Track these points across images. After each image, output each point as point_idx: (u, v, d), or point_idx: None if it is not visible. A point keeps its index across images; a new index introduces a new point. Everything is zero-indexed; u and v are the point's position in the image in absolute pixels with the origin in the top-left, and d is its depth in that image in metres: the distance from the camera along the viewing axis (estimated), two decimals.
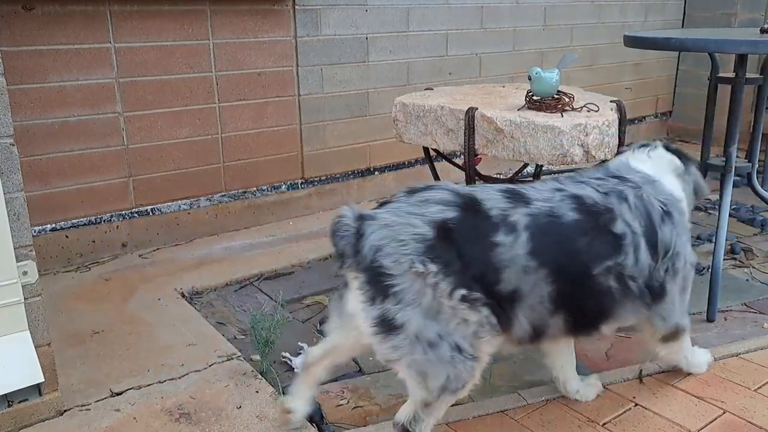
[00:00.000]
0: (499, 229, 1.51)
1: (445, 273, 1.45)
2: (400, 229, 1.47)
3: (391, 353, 1.48)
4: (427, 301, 1.45)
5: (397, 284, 1.44)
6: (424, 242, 1.46)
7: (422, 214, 1.50)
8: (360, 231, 1.48)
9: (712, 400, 1.89)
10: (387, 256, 1.45)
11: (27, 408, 1.77)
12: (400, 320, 1.44)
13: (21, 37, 2.55)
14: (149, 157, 2.97)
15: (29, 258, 1.69)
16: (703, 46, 2.30)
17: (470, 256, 1.48)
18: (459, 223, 1.49)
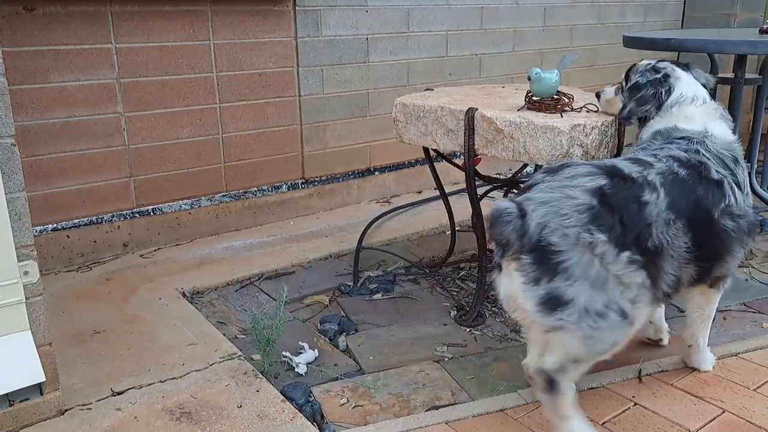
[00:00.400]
0: (645, 189, 1.58)
1: (610, 239, 1.49)
2: (561, 204, 1.50)
3: (556, 324, 1.52)
4: (594, 271, 1.49)
5: (566, 259, 1.47)
6: (587, 212, 1.50)
7: (577, 186, 1.54)
8: (522, 211, 1.50)
9: (712, 399, 1.89)
10: (553, 232, 1.48)
11: (28, 407, 1.77)
12: (569, 296, 1.48)
13: (22, 38, 2.56)
14: (150, 157, 2.97)
15: (30, 258, 1.69)
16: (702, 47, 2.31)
17: (628, 217, 1.53)
18: (613, 188, 1.55)
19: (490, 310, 2.50)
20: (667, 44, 2.37)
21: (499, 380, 2.05)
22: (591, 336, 1.52)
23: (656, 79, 1.94)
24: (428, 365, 2.14)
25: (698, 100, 1.91)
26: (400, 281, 2.76)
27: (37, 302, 1.73)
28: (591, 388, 1.95)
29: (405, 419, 1.82)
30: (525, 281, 1.51)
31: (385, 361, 2.17)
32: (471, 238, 2.64)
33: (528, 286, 1.51)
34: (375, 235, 3.21)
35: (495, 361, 2.16)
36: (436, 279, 2.77)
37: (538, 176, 1.65)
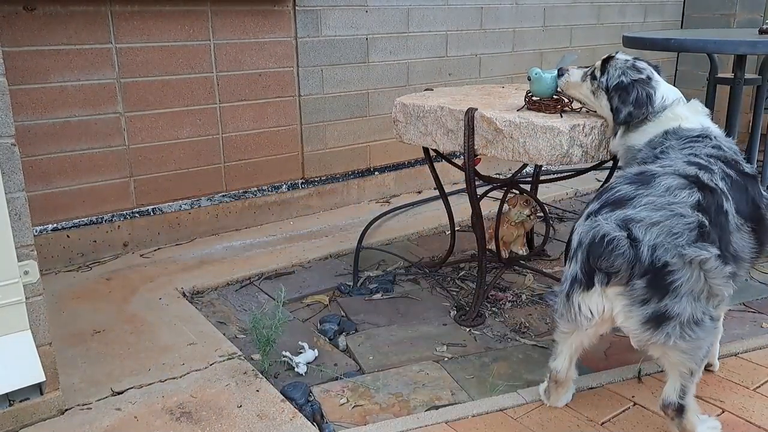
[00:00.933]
0: (723, 198, 1.60)
1: (720, 257, 1.51)
2: (672, 223, 1.49)
3: (658, 339, 1.52)
4: (699, 286, 1.49)
5: (678, 278, 1.47)
6: (697, 228, 1.50)
7: (681, 202, 1.53)
8: (633, 238, 1.47)
9: (711, 399, 1.89)
10: (667, 252, 1.46)
11: (28, 407, 1.77)
12: (675, 312, 1.49)
13: (22, 38, 2.56)
14: (150, 157, 2.98)
15: (30, 258, 1.69)
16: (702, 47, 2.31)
17: (721, 229, 1.56)
18: (705, 201, 1.56)
19: (489, 310, 2.50)
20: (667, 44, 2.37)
21: (499, 380, 2.05)
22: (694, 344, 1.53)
23: (642, 80, 1.95)
24: (428, 365, 2.14)
25: (680, 99, 1.92)
26: (400, 281, 2.76)
27: (37, 302, 1.74)
28: (590, 388, 1.95)
29: (405, 419, 1.82)
30: (629, 303, 1.51)
31: (385, 361, 2.17)
32: (471, 238, 2.64)
33: (634, 307, 1.51)
34: (375, 235, 3.21)
35: (495, 361, 2.16)
36: (435, 279, 2.77)
37: (626, 188, 1.60)
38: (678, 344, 1.52)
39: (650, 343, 1.55)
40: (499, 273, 2.70)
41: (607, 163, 2.26)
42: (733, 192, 1.63)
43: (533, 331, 2.35)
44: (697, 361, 1.58)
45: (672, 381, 1.62)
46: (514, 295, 2.62)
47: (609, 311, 1.54)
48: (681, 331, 1.51)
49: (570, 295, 1.57)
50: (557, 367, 1.79)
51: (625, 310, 1.52)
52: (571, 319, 1.60)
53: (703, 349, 1.57)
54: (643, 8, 4.95)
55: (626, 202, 1.55)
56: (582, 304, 1.56)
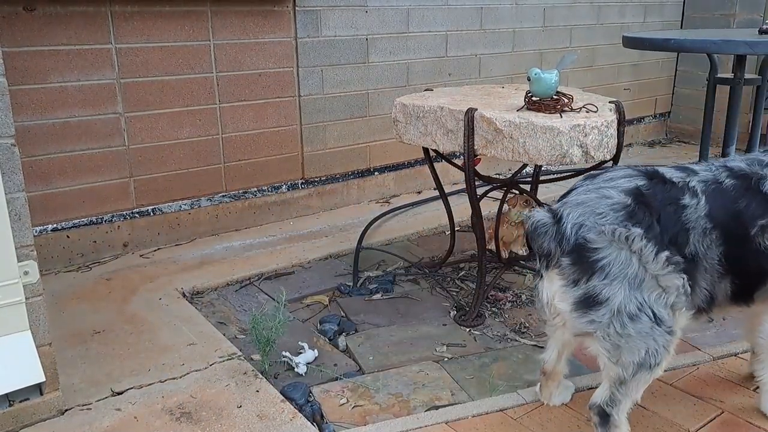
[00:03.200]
0: (685, 193, 1.56)
1: (648, 236, 1.48)
2: (596, 203, 1.52)
3: (587, 327, 1.52)
4: (632, 270, 1.47)
5: (604, 257, 1.47)
6: (623, 209, 1.50)
7: (614, 186, 1.55)
8: (557, 216, 1.52)
9: (711, 399, 1.90)
10: (590, 230, 1.48)
11: (28, 407, 1.77)
12: (605, 295, 1.48)
13: (22, 38, 2.56)
14: (150, 157, 2.98)
15: (30, 258, 1.69)
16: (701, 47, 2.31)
17: (666, 218, 1.52)
18: (651, 188, 1.55)
19: (489, 310, 2.50)
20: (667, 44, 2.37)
21: (499, 380, 2.05)
22: (620, 341, 1.49)
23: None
24: (428, 365, 2.14)
25: None
26: (399, 281, 2.76)
27: (37, 302, 1.74)
28: (590, 388, 1.95)
29: (405, 419, 1.82)
30: (564, 283, 1.52)
31: (385, 361, 2.17)
32: (471, 238, 2.64)
33: (567, 288, 1.52)
34: (375, 235, 3.21)
35: (494, 361, 2.16)
36: (435, 279, 2.77)
37: (578, 183, 1.65)
38: (601, 338, 1.50)
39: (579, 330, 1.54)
40: (499, 273, 2.70)
41: (606, 163, 2.26)
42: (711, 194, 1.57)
43: (533, 332, 2.35)
44: (626, 366, 1.51)
45: (603, 384, 1.59)
46: (514, 295, 2.62)
47: (552, 293, 1.56)
48: (609, 322, 1.48)
49: (536, 288, 1.65)
50: (545, 357, 1.81)
51: (561, 291, 1.54)
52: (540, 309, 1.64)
53: (635, 354, 1.49)
54: (643, 8, 4.95)
55: (571, 192, 1.62)
56: (541, 292, 1.61)
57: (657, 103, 5.34)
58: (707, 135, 2.77)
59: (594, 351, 1.57)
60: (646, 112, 5.27)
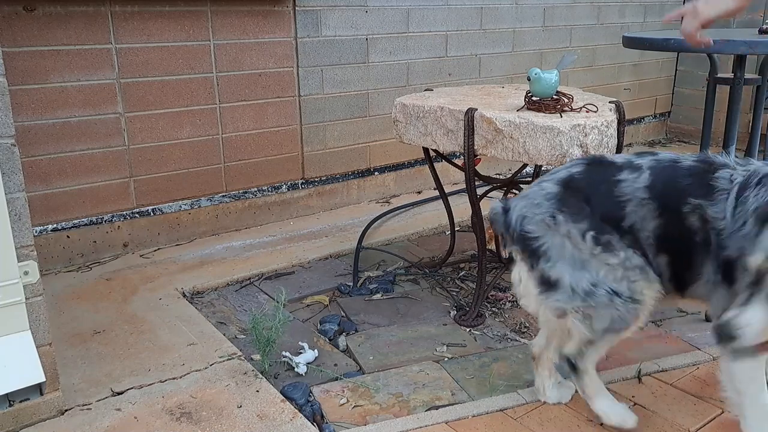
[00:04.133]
0: (624, 170, 1.62)
1: (573, 219, 1.60)
2: (535, 195, 1.68)
3: (556, 309, 1.66)
4: (569, 251, 1.61)
5: (543, 243, 1.63)
6: (554, 198, 1.64)
7: (549, 179, 1.70)
8: (506, 209, 1.70)
9: (711, 399, 1.90)
10: (529, 221, 1.65)
11: (28, 407, 1.77)
12: (554, 276, 1.63)
13: (22, 38, 2.56)
14: (150, 157, 2.98)
15: (30, 258, 1.69)
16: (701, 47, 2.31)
17: (597, 196, 1.61)
18: (585, 173, 1.66)
19: (489, 310, 2.50)
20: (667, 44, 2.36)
21: (499, 380, 2.05)
22: (586, 314, 1.63)
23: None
24: (428, 365, 2.14)
25: None
26: (400, 281, 2.76)
27: (37, 302, 1.73)
28: None
29: (405, 419, 1.82)
30: (526, 269, 1.69)
31: (385, 361, 2.17)
32: (471, 238, 2.64)
33: (529, 274, 1.69)
34: (375, 235, 3.21)
35: (495, 361, 2.16)
36: (435, 279, 2.77)
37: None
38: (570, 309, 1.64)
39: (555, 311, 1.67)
40: (499, 273, 2.70)
41: None
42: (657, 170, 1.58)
43: (533, 331, 2.35)
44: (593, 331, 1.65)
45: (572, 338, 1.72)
46: (515, 295, 2.61)
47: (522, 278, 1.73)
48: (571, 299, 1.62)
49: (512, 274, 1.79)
50: (533, 342, 1.93)
51: (525, 276, 1.71)
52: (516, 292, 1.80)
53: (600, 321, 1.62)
54: (643, 8, 4.95)
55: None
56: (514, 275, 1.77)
57: (657, 103, 5.34)
58: (707, 135, 2.77)
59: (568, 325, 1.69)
60: (646, 112, 5.27)
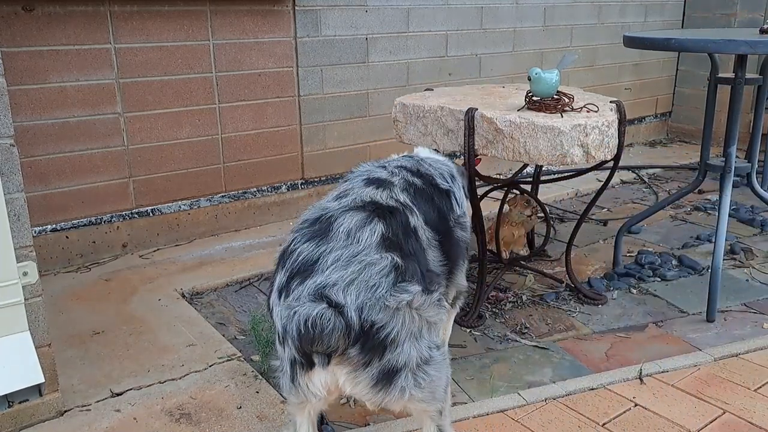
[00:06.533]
0: (408, 214, 1.53)
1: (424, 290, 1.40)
2: (365, 276, 1.33)
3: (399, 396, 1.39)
4: (415, 325, 1.37)
5: (392, 329, 1.32)
6: (391, 271, 1.35)
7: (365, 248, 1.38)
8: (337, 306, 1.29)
9: (712, 400, 1.89)
10: (372, 309, 1.30)
11: (27, 408, 1.77)
12: (401, 362, 1.36)
13: (21, 38, 2.55)
14: (149, 157, 2.97)
15: (29, 258, 1.69)
16: (702, 47, 2.30)
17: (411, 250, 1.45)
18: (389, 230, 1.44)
19: (490, 311, 2.49)
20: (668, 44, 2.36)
21: (499, 381, 2.04)
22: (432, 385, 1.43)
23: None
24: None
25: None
26: None
27: (37, 303, 1.73)
28: (591, 389, 1.95)
29: (405, 420, 1.82)
30: (352, 369, 1.34)
31: None
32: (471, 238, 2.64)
33: (358, 372, 1.35)
34: None
35: (495, 362, 2.16)
36: None
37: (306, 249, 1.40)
38: (415, 394, 1.40)
39: (387, 403, 1.40)
40: (499, 273, 2.70)
41: (607, 163, 2.25)
42: (417, 201, 1.57)
43: (534, 332, 2.34)
44: (440, 399, 1.47)
45: (426, 427, 1.52)
46: (515, 295, 2.61)
47: (335, 383, 1.38)
48: (414, 379, 1.38)
49: (294, 377, 1.40)
50: None
51: (350, 377, 1.36)
52: (301, 397, 1.43)
53: (441, 385, 1.46)
54: (644, 8, 4.94)
55: (312, 266, 1.36)
56: (309, 383, 1.39)
57: (658, 103, 5.33)
58: (708, 135, 2.76)
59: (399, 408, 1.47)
60: (647, 111, 5.27)
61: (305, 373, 1.37)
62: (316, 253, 1.38)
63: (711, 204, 3.68)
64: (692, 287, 2.68)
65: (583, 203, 3.72)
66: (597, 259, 2.97)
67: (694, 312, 2.48)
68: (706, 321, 2.40)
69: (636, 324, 2.40)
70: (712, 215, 3.51)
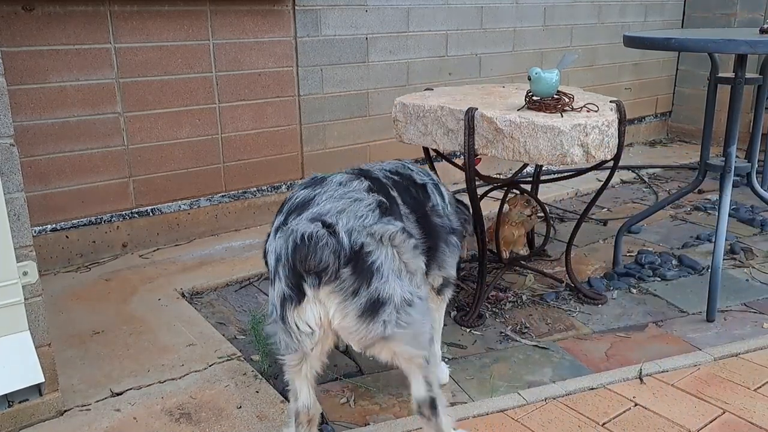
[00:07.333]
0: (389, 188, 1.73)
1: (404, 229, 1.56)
2: (354, 207, 1.52)
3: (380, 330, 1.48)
4: (396, 264, 1.50)
5: (377, 257, 1.46)
6: (378, 208, 1.55)
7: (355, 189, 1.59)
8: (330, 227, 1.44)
9: (712, 399, 1.89)
10: (360, 233, 1.46)
11: (27, 408, 1.77)
12: (386, 294, 1.47)
13: (21, 38, 2.55)
14: (149, 157, 2.97)
15: (29, 258, 1.69)
16: (702, 47, 2.30)
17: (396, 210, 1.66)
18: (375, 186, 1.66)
19: (490, 311, 2.49)
20: (668, 44, 2.36)
21: (500, 381, 2.04)
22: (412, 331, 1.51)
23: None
24: None
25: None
26: None
27: (36, 303, 1.73)
28: (591, 389, 1.95)
29: (405, 420, 1.82)
30: (342, 299, 1.45)
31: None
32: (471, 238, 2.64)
33: (348, 302, 1.45)
34: None
35: (495, 362, 2.16)
36: None
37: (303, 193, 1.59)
38: (397, 333, 1.49)
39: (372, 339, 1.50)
40: (499, 273, 2.70)
41: (607, 163, 2.25)
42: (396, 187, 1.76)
43: (534, 332, 2.34)
44: (425, 346, 1.56)
45: (415, 378, 1.58)
46: (515, 295, 2.61)
47: (326, 316, 1.47)
48: (397, 316, 1.48)
49: (285, 317, 1.49)
50: (304, 404, 1.63)
51: (340, 308, 1.46)
52: (294, 344, 1.52)
53: (425, 333, 1.56)
54: (644, 8, 4.94)
55: (308, 203, 1.54)
56: (299, 321, 1.48)
57: (658, 103, 5.33)
58: (708, 134, 2.76)
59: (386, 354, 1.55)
60: (647, 111, 5.27)
61: (295, 308, 1.47)
62: (311, 194, 1.57)
63: (711, 204, 3.68)
64: (692, 287, 2.68)
65: (583, 203, 3.72)
66: (597, 259, 2.98)
67: (694, 312, 2.48)
68: (706, 321, 2.40)
69: (636, 324, 2.40)
70: (712, 215, 3.51)
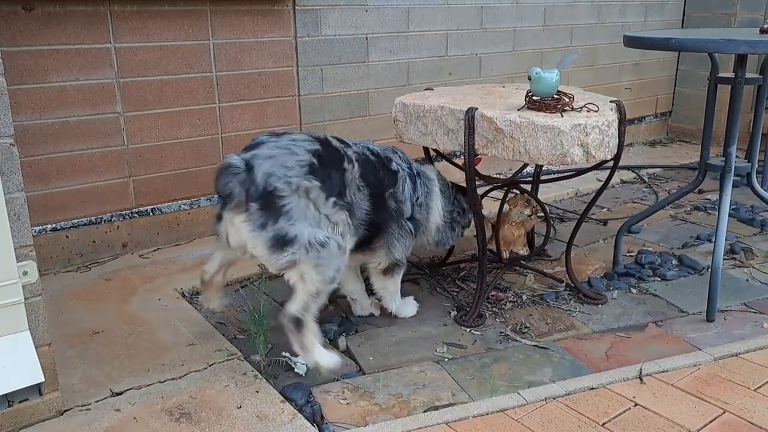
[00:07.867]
0: (344, 159, 2.00)
1: (322, 187, 1.88)
2: (285, 158, 1.85)
3: (288, 261, 1.84)
4: (311, 213, 1.86)
5: (288, 203, 1.81)
6: (307, 165, 1.86)
7: (300, 146, 1.90)
8: (249, 166, 1.80)
9: (712, 399, 1.89)
10: (278, 180, 1.80)
11: (27, 408, 1.77)
12: (292, 233, 1.82)
13: (21, 38, 2.55)
14: (149, 157, 2.97)
15: (29, 258, 1.69)
16: (702, 47, 2.30)
17: (334, 176, 1.93)
18: (324, 153, 1.95)
19: (490, 311, 2.49)
20: (668, 44, 2.36)
21: (500, 380, 2.04)
22: (320, 263, 1.86)
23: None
24: (428, 366, 2.13)
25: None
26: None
27: (36, 302, 1.73)
28: (591, 389, 1.95)
29: (405, 420, 1.82)
30: (252, 228, 1.81)
31: (385, 362, 2.16)
32: (471, 238, 2.64)
33: (256, 233, 1.81)
34: None
35: (495, 362, 2.16)
36: (436, 279, 2.76)
37: (263, 137, 1.95)
38: (305, 260, 1.84)
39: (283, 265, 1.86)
40: (499, 273, 2.70)
41: (607, 163, 2.25)
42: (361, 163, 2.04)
43: (534, 332, 2.34)
44: (323, 280, 1.89)
45: (297, 297, 1.90)
46: (515, 295, 2.61)
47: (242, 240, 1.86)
48: (306, 250, 1.84)
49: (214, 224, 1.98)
50: (206, 268, 2.19)
51: (252, 236, 1.82)
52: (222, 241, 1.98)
53: (330, 269, 1.88)
54: (644, 8, 4.94)
55: (259, 145, 1.91)
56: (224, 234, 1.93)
57: (658, 103, 5.33)
58: (708, 134, 2.76)
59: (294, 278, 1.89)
60: (647, 111, 5.27)
61: (218, 222, 1.96)
62: (266, 141, 1.93)
63: (711, 204, 3.68)
64: (692, 287, 2.68)
65: (583, 203, 3.72)
66: (597, 259, 2.98)
67: (694, 312, 2.48)
68: (706, 321, 2.40)
69: (636, 324, 2.40)
70: (712, 215, 3.51)
